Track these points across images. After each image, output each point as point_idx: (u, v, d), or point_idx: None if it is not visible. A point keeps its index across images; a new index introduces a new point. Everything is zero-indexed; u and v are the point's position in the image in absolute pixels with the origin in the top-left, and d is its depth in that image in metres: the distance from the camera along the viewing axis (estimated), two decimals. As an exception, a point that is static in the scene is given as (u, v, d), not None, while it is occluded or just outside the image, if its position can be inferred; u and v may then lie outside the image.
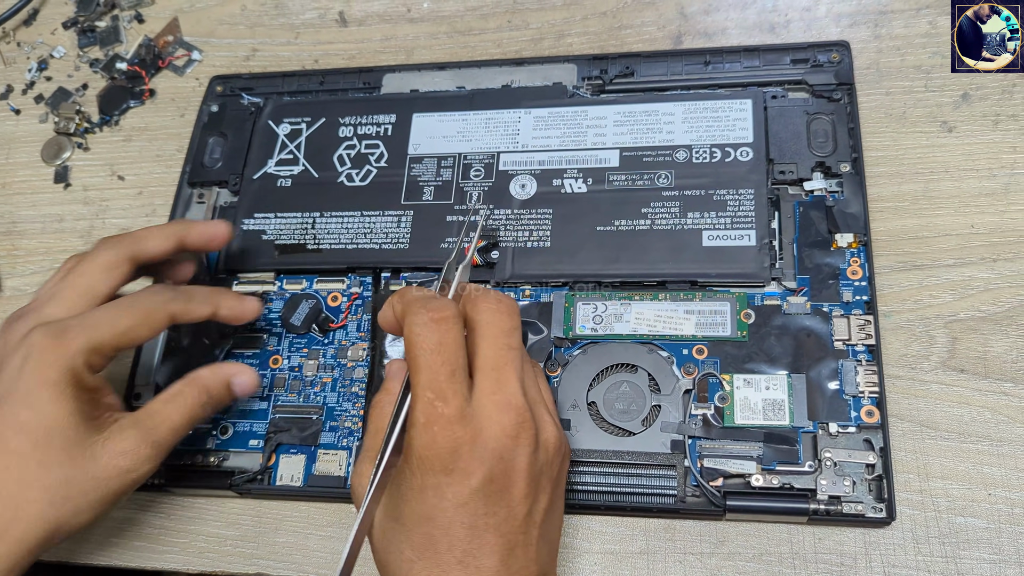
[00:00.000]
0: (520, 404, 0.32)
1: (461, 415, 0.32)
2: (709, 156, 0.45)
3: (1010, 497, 0.38)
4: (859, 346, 0.40)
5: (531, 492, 0.32)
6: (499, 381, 0.33)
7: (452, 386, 0.32)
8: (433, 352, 0.32)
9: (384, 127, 0.49)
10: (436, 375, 0.32)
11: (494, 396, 0.32)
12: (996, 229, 0.42)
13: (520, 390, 0.33)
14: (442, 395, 0.32)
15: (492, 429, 0.32)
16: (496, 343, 0.33)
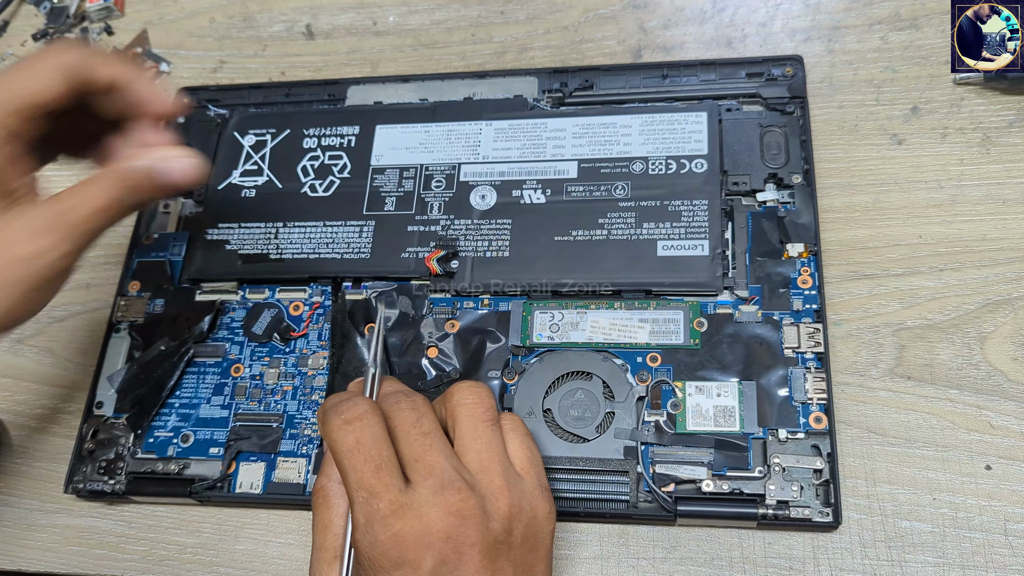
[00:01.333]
0: (455, 480, 0.32)
1: (398, 507, 0.31)
2: (665, 168, 0.45)
3: (954, 502, 0.38)
4: (808, 354, 0.41)
5: (488, 563, 0.32)
6: (427, 467, 0.32)
7: (381, 480, 0.32)
8: (352, 453, 0.32)
9: (348, 138, 0.50)
10: (362, 474, 0.32)
11: (427, 481, 0.32)
12: (943, 239, 0.43)
13: (452, 468, 0.32)
14: (373, 491, 0.31)
15: (433, 512, 0.31)
16: (409, 436, 0.33)
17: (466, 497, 0.32)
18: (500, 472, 0.33)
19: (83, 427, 0.46)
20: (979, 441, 0.39)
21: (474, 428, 0.34)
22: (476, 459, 0.33)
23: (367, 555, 0.31)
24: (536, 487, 0.34)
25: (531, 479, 0.34)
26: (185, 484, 0.43)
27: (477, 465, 0.33)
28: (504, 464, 0.34)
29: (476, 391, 0.35)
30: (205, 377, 0.46)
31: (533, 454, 0.35)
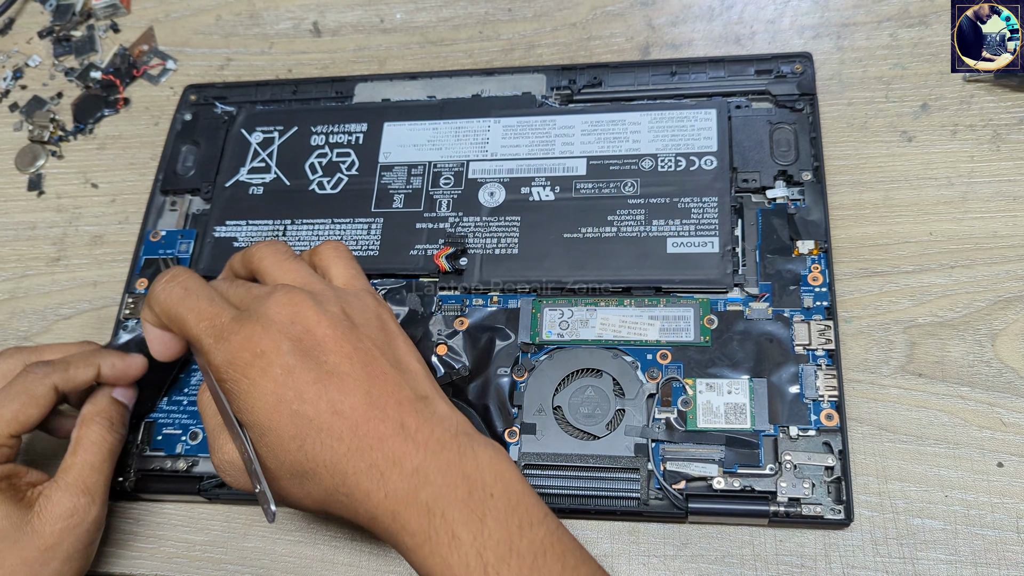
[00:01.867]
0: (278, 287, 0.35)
1: (237, 316, 0.34)
2: (674, 165, 0.45)
3: (966, 499, 0.38)
4: (819, 351, 0.41)
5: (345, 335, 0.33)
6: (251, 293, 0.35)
7: (215, 306, 0.34)
8: (184, 299, 0.35)
9: (356, 136, 0.50)
10: (198, 309, 0.34)
11: (253, 295, 0.35)
12: (954, 236, 0.43)
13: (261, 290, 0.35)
14: (213, 315, 0.34)
15: (271, 309, 0.33)
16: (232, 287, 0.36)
17: (292, 290, 0.34)
18: (317, 281, 0.36)
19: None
20: (991, 438, 0.39)
21: (279, 266, 0.37)
22: (295, 278, 0.36)
23: (227, 364, 0.33)
24: (360, 290, 0.37)
25: (355, 288, 0.37)
26: (194, 482, 0.43)
27: (298, 283, 0.36)
28: (320, 278, 0.37)
29: (271, 245, 0.38)
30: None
31: (358, 271, 0.38)
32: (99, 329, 0.50)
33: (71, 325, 0.50)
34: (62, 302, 0.51)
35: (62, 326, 0.50)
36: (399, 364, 0.34)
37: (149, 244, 0.50)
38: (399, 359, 0.35)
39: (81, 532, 0.38)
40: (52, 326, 0.51)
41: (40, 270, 0.52)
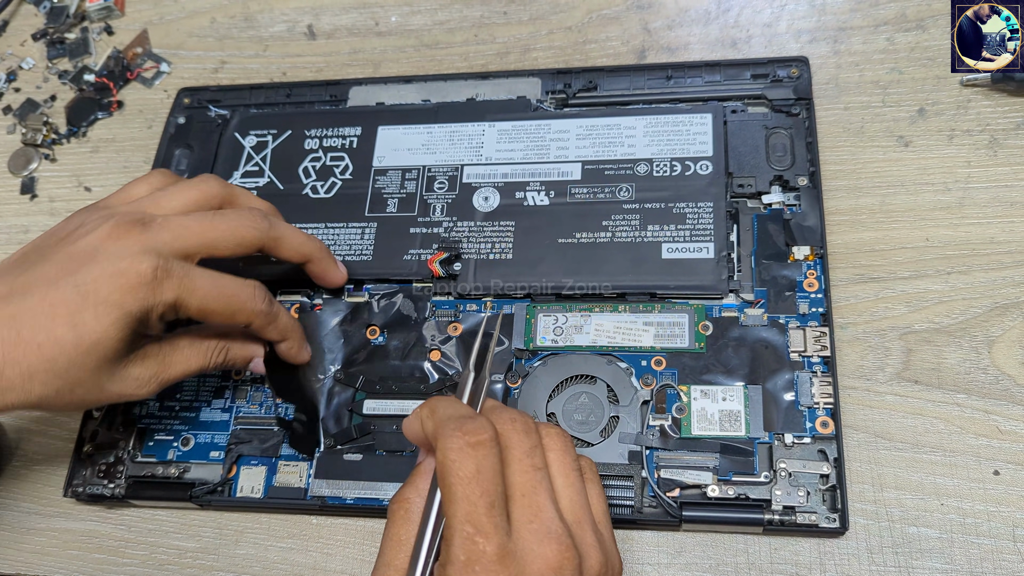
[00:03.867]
0: (559, 531, 0.30)
1: (503, 552, 0.29)
2: (669, 169, 0.45)
3: (962, 507, 0.38)
4: (815, 358, 0.40)
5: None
6: (534, 508, 0.30)
7: (492, 520, 0.29)
8: (471, 481, 0.29)
9: (349, 139, 0.50)
10: (475, 507, 0.29)
11: (531, 525, 0.30)
12: (950, 242, 0.43)
13: (556, 515, 0.30)
14: (483, 530, 0.29)
15: (535, 564, 0.29)
16: (522, 465, 0.31)
17: (567, 552, 0.30)
18: (590, 527, 0.32)
19: (83, 430, 0.45)
20: (987, 446, 0.39)
21: (566, 476, 0.32)
22: (570, 509, 0.31)
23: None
24: (611, 540, 0.33)
25: (609, 533, 0.33)
26: (185, 488, 0.43)
27: (571, 516, 0.31)
28: (591, 518, 0.32)
29: (564, 437, 0.33)
30: (206, 381, 0.45)
31: (606, 506, 0.34)
32: (91, 334, 0.49)
33: (63, 330, 0.50)
34: (54, 306, 0.51)
35: (54, 331, 0.50)
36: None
37: (142, 248, 0.49)
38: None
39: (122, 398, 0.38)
40: (44, 331, 0.50)
41: (32, 274, 0.52)
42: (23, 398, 0.35)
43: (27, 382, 0.35)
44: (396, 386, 0.43)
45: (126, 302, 0.35)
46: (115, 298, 0.35)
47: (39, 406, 0.36)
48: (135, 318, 0.36)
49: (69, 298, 0.35)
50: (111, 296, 0.35)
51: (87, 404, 0.39)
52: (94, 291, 0.35)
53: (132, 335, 0.36)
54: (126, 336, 0.36)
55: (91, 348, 0.35)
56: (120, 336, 0.36)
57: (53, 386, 0.35)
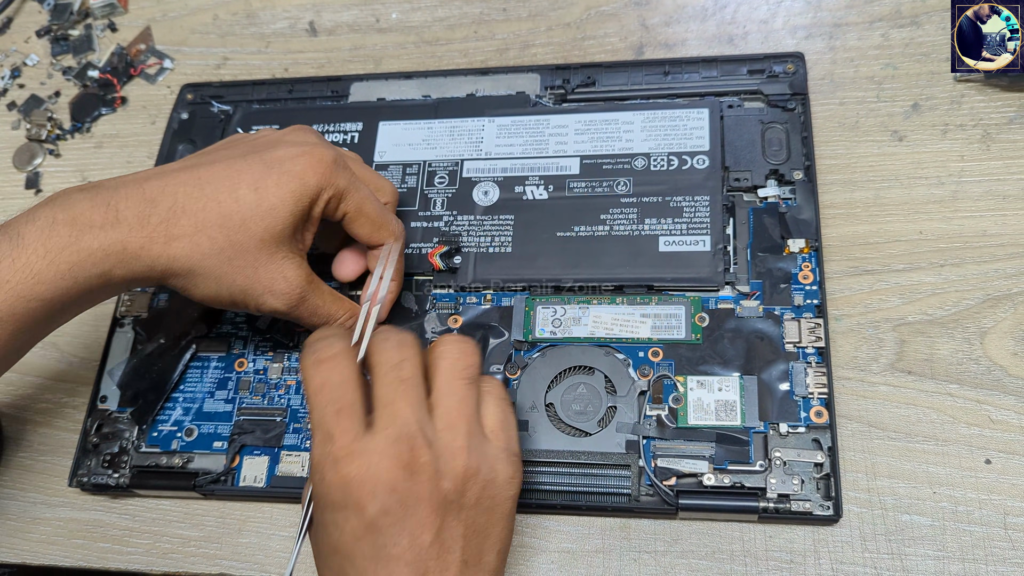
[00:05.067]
0: (414, 433, 0.32)
1: (349, 452, 0.32)
2: (666, 164, 0.46)
3: (954, 495, 0.39)
4: (809, 349, 0.41)
5: (435, 520, 0.32)
6: (391, 415, 0.32)
7: (339, 424, 0.32)
8: (317, 392, 0.33)
9: (351, 135, 0.50)
10: (323, 415, 0.33)
11: (387, 431, 0.32)
12: (944, 235, 0.43)
13: (416, 420, 0.33)
14: (328, 434, 0.32)
15: (383, 462, 0.32)
16: (386, 379, 0.34)
17: (420, 453, 0.32)
18: (465, 431, 0.33)
19: (87, 421, 0.46)
20: (979, 435, 0.39)
21: (449, 383, 0.34)
22: (444, 415, 0.34)
23: (317, 492, 0.33)
24: (502, 451, 0.34)
25: (499, 442, 0.35)
26: (189, 478, 0.43)
27: (444, 421, 0.33)
28: (471, 424, 0.34)
29: (460, 345, 0.35)
30: (209, 371, 0.46)
31: (507, 418, 0.36)
32: (95, 327, 0.50)
33: (68, 323, 0.50)
34: (59, 300, 0.51)
35: (59, 323, 0.51)
36: (475, 561, 0.33)
37: (145, 242, 0.50)
38: (480, 552, 0.34)
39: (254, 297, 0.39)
40: (49, 323, 0.51)
41: (37, 268, 0.53)
42: (189, 250, 0.37)
43: (197, 233, 0.37)
44: (397, 377, 0.44)
45: (307, 175, 0.38)
46: (298, 170, 0.38)
47: (195, 271, 0.37)
48: (311, 194, 0.38)
49: (255, 167, 0.38)
50: (295, 167, 0.38)
51: (236, 288, 0.38)
52: (279, 162, 0.38)
53: (302, 214, 0.38)
54: (298, 212, 0.38)
55: (267, 213, 0.37)
56: (294, 209, 0.38)
57: (219, 243, 0.37)
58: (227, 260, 0.37)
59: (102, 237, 0.36)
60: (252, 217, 0.37)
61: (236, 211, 0.37)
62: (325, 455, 0.32)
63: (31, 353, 0.49)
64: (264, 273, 0.38)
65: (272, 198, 0.37)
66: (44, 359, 0.50)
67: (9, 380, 0.50)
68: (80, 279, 0.36)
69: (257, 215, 0.37)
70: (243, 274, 0.38)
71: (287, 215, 0.38)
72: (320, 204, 0.39)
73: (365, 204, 0.40)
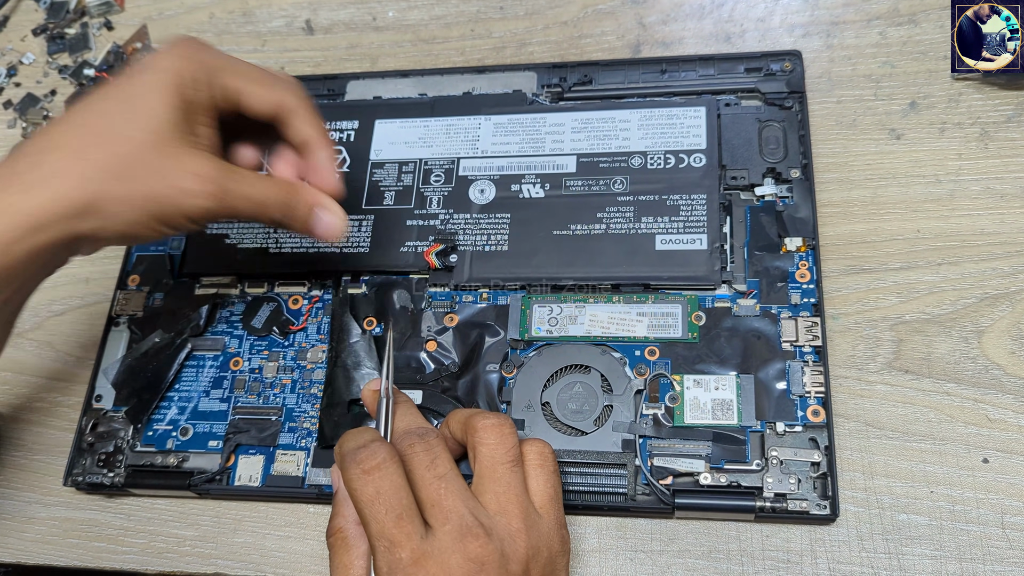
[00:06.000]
0: (471, 525, 0.32)
1: (420, 555, 0.32)
2: (663, 162, 0.45)
3: (951, 495, 0.38)
4: (806, 347, 0.41)
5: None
6: (444, 513, 0.33)
7: (402, 530, 0.32)
8: (373, 502, 0.33)
9: (347, 133, 0.50)
10: (383, 524, 0.32)
11: (445, 527, 0.32)
12: (941, 234, 0.43)
13: (470, 513, 0.33)
14: (395, 541, 0.32)
15: (454, 558, 0.32)
16: (424, 480, 0.34)
17: (484, 543, 0.32)
18: (519, 514, 0.34)
19: (82, 420, 0.46)
20: (976, 434, 0.39)
21: (493, 470, 0.35)
22: (494, 500, 0.34)
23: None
24: (554, 524, 0.35)
25: (550, 517, 0.35)
26: (184, 477, 0.43)
27: (495, 506, 0.34)
28: (523, 504, 0.34)
29: (498, 431, 0.35)
30: (204, 370, 0.46)
31: (555, 491, 0.36)
32: (91, 326, 0.50)
33: (63, 321, 0.50)
34: (54, 298, 0.51)
35: (54, 322, 0.51)
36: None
37: (141, 241, 0.50)
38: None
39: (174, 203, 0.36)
40: (44, 322, 0.51)
41: (33, 267, 0.53)
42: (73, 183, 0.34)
43: (75, 162, 0.34)
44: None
45: (170, 64, 0.35)
46: (162, 64, 0.35)
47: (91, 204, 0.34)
48: (181, 81, 0.35)
49: (120, 82, 0.36)
50: (157, 64, 0.36)
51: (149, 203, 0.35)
52: (140, 69, 0.36)
53: (183, 105, 0.35)
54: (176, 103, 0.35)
55: (142, 115, 0.35)
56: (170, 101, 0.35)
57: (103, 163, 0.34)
58: (120, 178, 0.34)
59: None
60: (129, 126, 0.35)
61: (110, 126, 0.35)
62: (396, 563, 0.32)
63: (26, 352, 0.50)
64: (170, 176, 0.35)
65: (142, 100, 0.35)
66: (39, 358, 0.50)
67: (3, 379, 0.49)
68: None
69: (133, 122, 0.35)
70: (147, 185, 0.35)
71: (165, 109, 0.35)
72: (199, 88, 0.36)
73: (247, 71, 0.38)
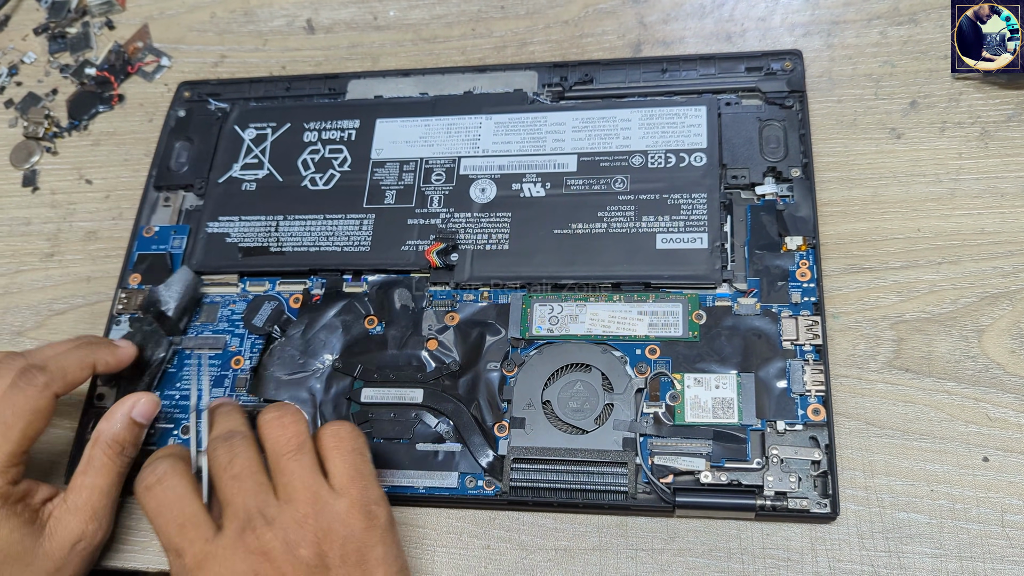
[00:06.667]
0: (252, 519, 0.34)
1: (202, 559, 0.34)
2: (664, 161, 0.46)
3: (951, 493, 0.39)
4: (807, 346, 0.41)
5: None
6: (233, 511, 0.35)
7: (184, 537, 0.35)
8: (156, 516, 0.35)
9: (348, 132, 0.50)
10: (168, 534, 0.35)
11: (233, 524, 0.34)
12: (941, 233, 0.43)
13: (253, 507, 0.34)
14: (178, 550, 0.35)
15: (236, 555, 0.34)
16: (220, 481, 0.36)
17: (263, 533, 0.34)
18: (307, 499, 0.35)
19: (84, 419, 0.46)
20: (976, 433, 0.39)
21: (277, 461, 0.36)
22: (283, 491, 0.35)
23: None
24: (354, 503, 0.35)
25: (349, 496, 0.35)
26: (185, 475, 0.43)
27: (284, 496, 0.35)
28: (312, 489, 0.35)
29: (277, 423, 0.37)
30: (205, 369, 0.46)
31: (356, 470, 0.36)
32: (92, 324, 0.50)
33: (65, 320, 0.51)
34: (56, 297, 0.51)
35: (56, 321, 0.51)
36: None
37: (143, 240, 0.50)
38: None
39: (87, 555, 0.39)
40: (46, 321, 0.51)
41: (34, 265, 0.53)
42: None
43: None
44: (394, 375, 0.44)
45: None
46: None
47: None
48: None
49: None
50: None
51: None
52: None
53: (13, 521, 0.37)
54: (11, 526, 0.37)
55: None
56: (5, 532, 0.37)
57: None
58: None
59: None
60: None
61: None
62: (180, 569, 0.34)
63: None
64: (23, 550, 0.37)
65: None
66: (41, 357, 0.50)
67: (6, 378, 0.49)
68: None
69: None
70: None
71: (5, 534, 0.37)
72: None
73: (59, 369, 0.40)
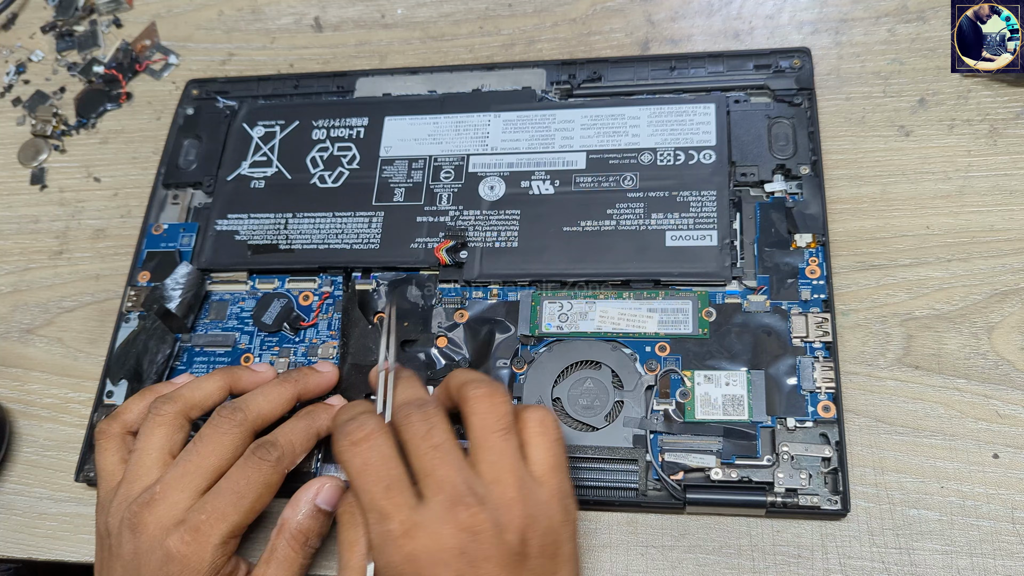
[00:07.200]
0: (464, 495, 0.32)
1: (410, 526, 0.32)
2: (673, 159, 0.46)
3: (961, 490, 0.39)
4: (817, 343, 0.41)
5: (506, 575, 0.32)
6: (437, 482, 0.32)
7: (391, 500, 0.32)
8: (361, 474, 0.33)
9: (356, 130, 0.50)
10: (372, 495, 0.33)
11: (437, 497, 0.32)
12: (951, 230, 0.43)
13: (461, 482, 0.32)
14: (384, 513, 0.32)
15: (444, 529, 0.32)
16: (419, 450, 0.33)
17: (476, 512, 0.32)
18: (513, 482, 0.33)
19: (93, 416, 0.46)
20: (986, 430, 0.39)
21: (485, 439, 0.34)
22: (488, 470, 0.33)
23: (383, 573, 0.32)
24: (553, 494, 0.34)
25: (551, 486, 0.34)
26: (195, 472, 0.43)
27: (490, 475, 0.33)
28: (518, 473, 0.33)
29: (489, 400, 0.35)
30: (215, 366, 0.46)
31: (557, 460, 0.35)
32: (101, 322, 0.50)
33: (74, 318, 0.51)
34: (64, 295, 0.51)
35: (65, 319, 0.51)
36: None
37: (151, 237, 0.50)
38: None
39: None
40: (55, 319, 0.51)
41: (43, 263, 0.53)
42: None
43: None
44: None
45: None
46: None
47: None
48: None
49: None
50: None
51: None
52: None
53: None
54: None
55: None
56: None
57: None
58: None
59: None
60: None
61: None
62: (385, 534, 0.32)
63: (37, 348, 0.50)
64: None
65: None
66: (50, 354, 0.50)
67: (14, 375, 0.50)
68: None
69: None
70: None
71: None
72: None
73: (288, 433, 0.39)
